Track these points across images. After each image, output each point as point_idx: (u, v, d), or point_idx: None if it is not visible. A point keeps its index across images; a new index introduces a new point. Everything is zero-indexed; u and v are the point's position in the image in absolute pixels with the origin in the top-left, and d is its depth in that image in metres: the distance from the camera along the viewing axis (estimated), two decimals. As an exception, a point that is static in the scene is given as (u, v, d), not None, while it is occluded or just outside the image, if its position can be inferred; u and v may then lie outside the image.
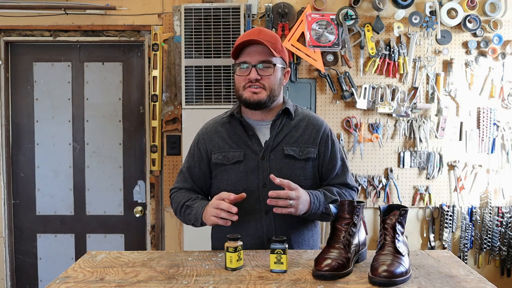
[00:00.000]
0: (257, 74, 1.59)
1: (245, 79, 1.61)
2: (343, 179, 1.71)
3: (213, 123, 1.77)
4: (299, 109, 1.75)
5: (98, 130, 3.09)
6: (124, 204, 3.10)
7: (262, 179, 1.62)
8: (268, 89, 1.62)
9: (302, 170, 1.64)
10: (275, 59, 1.62)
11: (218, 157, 1.67)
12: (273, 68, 1.62)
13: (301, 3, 2.92)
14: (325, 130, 1.71)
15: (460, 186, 2.98)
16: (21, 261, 3.13)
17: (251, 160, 1.64)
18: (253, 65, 1.60)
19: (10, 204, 3.09)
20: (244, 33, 1.68)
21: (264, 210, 1.62)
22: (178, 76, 2.90)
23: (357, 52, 2.92)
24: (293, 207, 1.49)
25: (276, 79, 1.64)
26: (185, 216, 1.67)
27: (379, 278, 1.18)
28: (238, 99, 1.67)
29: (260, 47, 1.60)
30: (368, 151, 2.96)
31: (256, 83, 1.60)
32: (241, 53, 1.62)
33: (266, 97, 1.62)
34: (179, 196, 1.73)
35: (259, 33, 1.62)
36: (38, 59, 3.07)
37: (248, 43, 1.60)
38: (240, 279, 1.25)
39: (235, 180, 1.64)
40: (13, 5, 2.88)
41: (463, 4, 2.89)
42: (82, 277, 1.28)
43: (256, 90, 1.60)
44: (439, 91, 2.93)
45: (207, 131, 1.75)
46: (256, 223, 1.62)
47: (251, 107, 1.64)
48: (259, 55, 1.60)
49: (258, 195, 1.62)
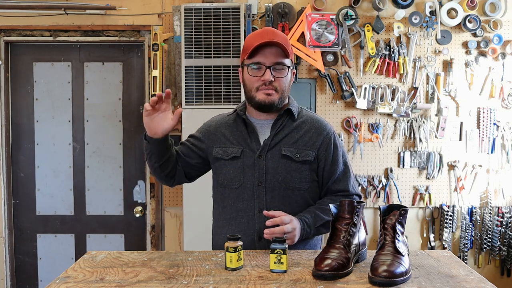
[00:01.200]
0: (271, 76, 1.58)
1: (259, 80, 1.59)
2: (344, 185, 1.67)
3: (220, 118, 1.79)
4: (303, 111, 1.74)
5: (98, 130, 3.09)
6: (124, 204, 3.10)
7: (258, 177, 1.62)
8: (280, 91, 1.61)
9: (298, 172, 1.63)
10: (288, 61, 1.62)
11: (219, 152, 1.69)
12: (287, 70, 1.61)
13: (301, 3, 2.92)
14: (328, 134, 1.68)
15: (460, 186, 2.98)
16: (21, 261, 3.13)
17: (248, 157, 1.64)
18: (267, 66, 1.58)
19: (10, 204, 3.09)
20: (255, 33, 1.64)
21: (257, 208, 1.62)
22: (178, 76, 2.90)
23: (357, 52, 2.92)
24: (289, 239, 1.48)
25: (287, 81, 1.64)
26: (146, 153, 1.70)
27: (379, 278, 1.18)
28: (249, 100, 1.65)
29: (274, 48, 1.58)
30: (368, 151, 2.96)
31: (269, 85, 1.59)
32: (255, 53, 1.59)
33: (278, 99, 1.61)
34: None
35: (273, 34, 1.60)
36: (38, 59, 3.07)
37: (263, 44, 1.58)
38: (240, 279, 1.25)
39: (232, 176, 1.65)
40: (13, 5, 2.88)
41: (463, 4, 2.89)
42: (82, 277, 1.28)
43: (269, 92, 1.60)
44: (439, 91, 2.93)
45: (214, 123, 1.77)
46: (248, 220, 1.63)
47: (263, 109, 1.63)
48: (274, 57, 1.58)
49: (253, 193, 1.63)
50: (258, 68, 1.59)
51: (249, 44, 1.61)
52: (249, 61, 1.61)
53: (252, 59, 1.60)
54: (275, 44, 1.57)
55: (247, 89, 1.64)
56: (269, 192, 1.62)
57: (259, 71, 1.59)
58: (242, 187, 1.62)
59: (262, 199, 1.62)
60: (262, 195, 1.62)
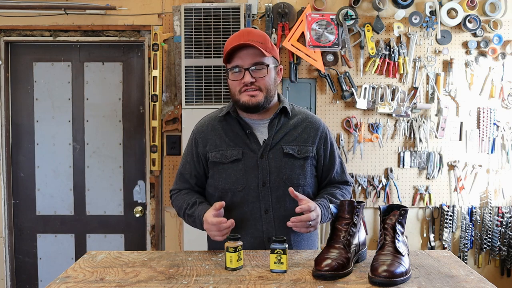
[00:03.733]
0: (251, 77, 1.58)
1: (240, 83, 1.60)
2: (343, 177, 1.76)
3: (208, 120, 1.75)
4: (295, 108, 1.75)
5: (98, 130, 3.09)
6: (124, 204, 3.10)
7: (262, 178, 1.62)
8: (264, 90, 1.61)
9: (301, 168, 1.65)
10: (267, 59, 1.61)
11: (216, 156, 1.66)
12: (267, 69, 1.61)
13: (301, 3, 2.92)
14: (323, 129, 1.73)
15: (460, 186, 2.98)
16: (21, 261, 3.13)
17: (250, 159, 1.63)
18: (245, 68, 1.58)
19: (10, 204, 3.09)
20: (232, 36, 1.64)
21: (264, 209, 1.62)
22: (178, 76, 2.90)
23: (357, 52, 2.92)
24: (312, 227, 1.52)
25: (271, 79, 1.63)
26: (190, 223, 1.68)
27: (379, 278, 1.18)
28: (235, 104, 1.66)
29: (251, 49, 1.58)
30: (368, 151, 2.96)
31: (251, 86, 1.59)
32: (233, 57, 1.60)
33: (263, 99, 1.61)
34: (179, 200, 1.72)
35: (248, 34, 1.60)
36: (38, 59, 3.07)
37: (238, 47, 1.58)
38: (240, 279, 1.25)
39: (234, 179, 1.63)
40: (13, 5, 2.88)
41: (463, 4, 2.89)
42: (82, 277, 1.28)
43: (253, 93, 1.59)
44: (439, 91, 2.93)
45: (203, 129, 1.73)
46: (255, 222, 1.62)
47: (249, 111, 1.63)
48: (251, 58, 1.58)
49: (258, 194, 1.62)
50: (239, 71, 1.60)
51: (226, 48, 1.61)
52: (229, 66, 1.62)
53: (231, 63, 1.61)
54: (249, 45, 1.57)
55: (231, 93, 1.65)
56: (274, 191, 1.62)
57: (239, 74, 1.60)
58: (245, 189, 1.61)
59: (267, 200, 1.62)
60: (267, 195, 1.62)
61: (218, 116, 1.73)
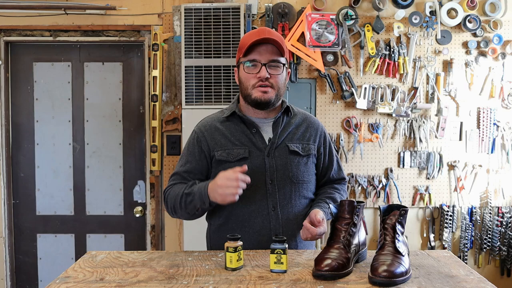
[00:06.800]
0: (267, 73, 1.60)
1: (255, 77, 1.61)
2: (340, 174, 1.82)
3: (210, 120, 1.74)
4: (294, 108, 1.79)
5: (98, 130, 3.09)
6: (124, 204, 3.10)
7: (269, 176, 1.64)
8: (276, 88, 1.63)
9: (305, 166, 1.69)
10: (283, 59, 1.65)
11: (222, 154, 1.65)
12: (282, 68, 1.64)
13: (301, 3, 2.92)
14: (322, 128, 1.79)
15: (460, 186, 2.98)
16: (21, 261, 3.13)
17: (256, 157, 1.65)
18: (263, 63, 1.60)
19: (10, 204, 3.09)
20: (250, 32, 1.66)
21: (271, 206, 1.63)
22: (178, 76, 2.90)
23: (357, 52, 2.92)
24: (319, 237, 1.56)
25: (283, 78, 1.67)
26: (187, 205, 1.58)
27: (379, 278, 1.18)
28: (245, 98, 1.66)
29: (270, 46, 1.61)
30: (368, 151, 2.96)
31: (265, 82, 1.61)
32: (251, 51, 1.62)
33: (274, 96, 1.64)
34: (175, 189, 1.64)
35: (269, 32, 1.63)
36: (38, 59, 3.07)
37: (259, 42, 1.60)
38: (240, 279, 1.25)
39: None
40: (13, 5, 2.88)
41: (463, 4, 2.89)
42: (82, 277, 1.28)
43: (265, 89, 1.61)
44: (439, 91, 2.93)
45: (206, 128, 1.72)
46: (263, 219, 1.63)
47: (260, 107, 1.65)
48: (269, 54, 1.61)
49: (265, 191, 1.63)
50: (254, 66, 1.61)
51: (244, 42, 1.63)
52: (244, 59, 1.63)
53: (248, 56, 1.62)
54: (271, 41, 1.60)
55: (243, 87, 1.66)
56: (280, 189, 1.64)
57: (255, 68, 1.61)
58: (252, 187, 1.60)
59: (274, 197, 1.64)
60: (274, 193, 1.64)
61: (221, 117, 1.72)
